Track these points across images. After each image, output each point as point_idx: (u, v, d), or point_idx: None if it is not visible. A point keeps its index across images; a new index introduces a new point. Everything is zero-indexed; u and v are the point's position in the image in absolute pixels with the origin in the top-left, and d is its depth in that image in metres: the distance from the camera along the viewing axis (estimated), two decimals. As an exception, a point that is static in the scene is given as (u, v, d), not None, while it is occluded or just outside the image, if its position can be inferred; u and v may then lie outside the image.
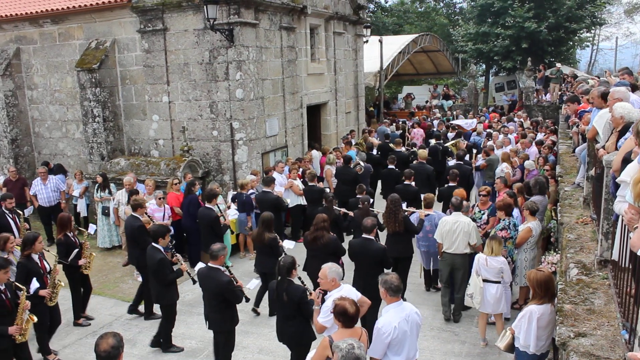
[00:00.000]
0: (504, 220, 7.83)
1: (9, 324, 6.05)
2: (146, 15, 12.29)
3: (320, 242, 7.49)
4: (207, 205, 9.56)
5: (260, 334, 7.71)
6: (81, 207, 12.41)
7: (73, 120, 13.81)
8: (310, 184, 11.34)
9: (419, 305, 7.96)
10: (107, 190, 11.33)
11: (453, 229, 7.86)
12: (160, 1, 12.00)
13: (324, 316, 5.29)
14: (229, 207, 11.09)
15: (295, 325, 5.96)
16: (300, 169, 12.39)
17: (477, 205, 9.19)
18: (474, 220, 8.79)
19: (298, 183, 11.70)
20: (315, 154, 14.04)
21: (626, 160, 4.24)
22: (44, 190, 12.10)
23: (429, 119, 21.34)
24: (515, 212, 8.33)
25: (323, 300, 5.59)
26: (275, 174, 11.66)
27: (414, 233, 8.57)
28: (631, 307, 3.66)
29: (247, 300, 7.07)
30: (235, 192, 11.15)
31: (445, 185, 10.86)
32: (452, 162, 13.09)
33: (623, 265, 4.05)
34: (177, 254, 7.71)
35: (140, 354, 7.46)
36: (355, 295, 5.41)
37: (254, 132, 12.35)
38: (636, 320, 3.46)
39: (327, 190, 11.89)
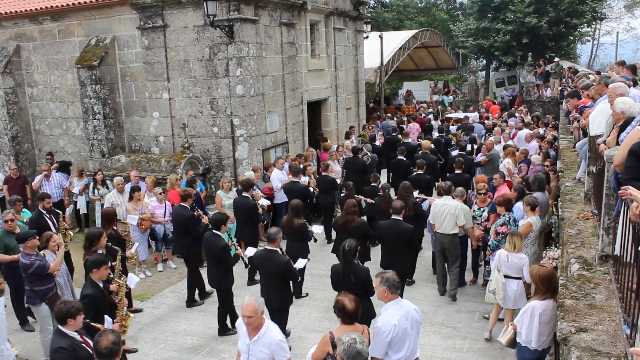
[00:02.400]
0: (504, 215, 7.83)
1: None
2: (146, 12, 12.27)
3: (352, 225, 8.02)
4: (244, 194, 9.77)
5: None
6: (81, 204, 12.38)
7: (73, 117, 13.80)
8: (323, 173, 11.68)
9: (420, 302, 8.02)
10: (105, 187, 11.39)
11: (441, 211, 8.49)
12: (160, -2, 11.97)
13: None
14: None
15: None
16: (301, 165, 12.40)
17: (476, 203, 9.18)
18: (473, 217, 8.81)
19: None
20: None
21: (633, 152, 4.15)
22: (47, 187, 12.07)
23: (423, 114, 21.75)
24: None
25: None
26: (275, 171, 11.71)
27: (423, 217, 9.14)
28: (632, 302, 3.66)
29: (299, 279, 7.71)
30: (236, 189, 11.14)
31: (453, 173, 11.32)
32: (455, 152, 13.59)
33: (624, 260, 4.04)
34: (233, 238, 8.06)
35: (141, 350, 7.47)
36: (280, 332, 4.95)
37: (254, 129, 12.35)
38: (637, 315, 3.46)
39: (338, 181, 12.39)
